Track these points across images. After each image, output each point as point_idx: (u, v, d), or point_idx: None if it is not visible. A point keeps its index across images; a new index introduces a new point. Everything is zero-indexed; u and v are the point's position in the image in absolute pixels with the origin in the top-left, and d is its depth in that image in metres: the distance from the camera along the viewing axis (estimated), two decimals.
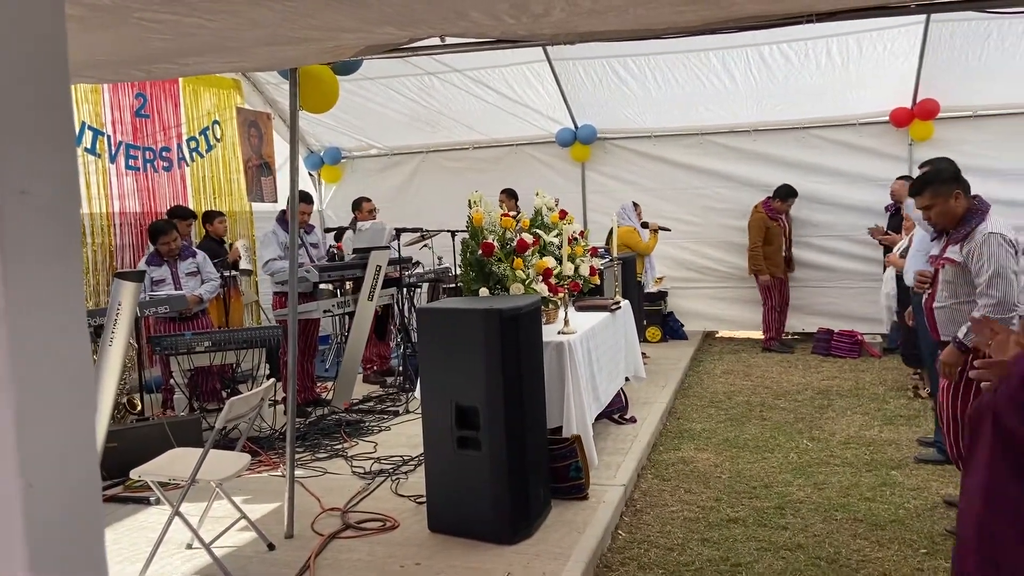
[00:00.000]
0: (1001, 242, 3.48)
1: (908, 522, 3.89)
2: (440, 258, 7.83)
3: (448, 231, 7.07)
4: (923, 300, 4.00)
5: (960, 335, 3.50)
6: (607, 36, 3.81)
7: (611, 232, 6.47)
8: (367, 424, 5.82)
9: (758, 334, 8.74)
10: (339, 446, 5.31)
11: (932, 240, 4.18)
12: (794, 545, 3.69)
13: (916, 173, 7.49)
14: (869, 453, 4.95)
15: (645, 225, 8.25)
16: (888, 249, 6.96)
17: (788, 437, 5.39)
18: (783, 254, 8.40)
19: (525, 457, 3.67)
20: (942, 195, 3.63)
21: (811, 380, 7.01)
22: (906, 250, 5.61)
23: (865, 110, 8.08)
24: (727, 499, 4.32)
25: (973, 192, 3.69)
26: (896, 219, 7.43)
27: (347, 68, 4.32)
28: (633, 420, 5.59)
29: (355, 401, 6.48)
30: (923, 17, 6.59)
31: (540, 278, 4.66)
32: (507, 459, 3.56)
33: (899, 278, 6.01)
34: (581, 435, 4.21)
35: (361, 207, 7.75)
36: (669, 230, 8.40)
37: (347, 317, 6.69)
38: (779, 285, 8.40)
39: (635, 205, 8.35)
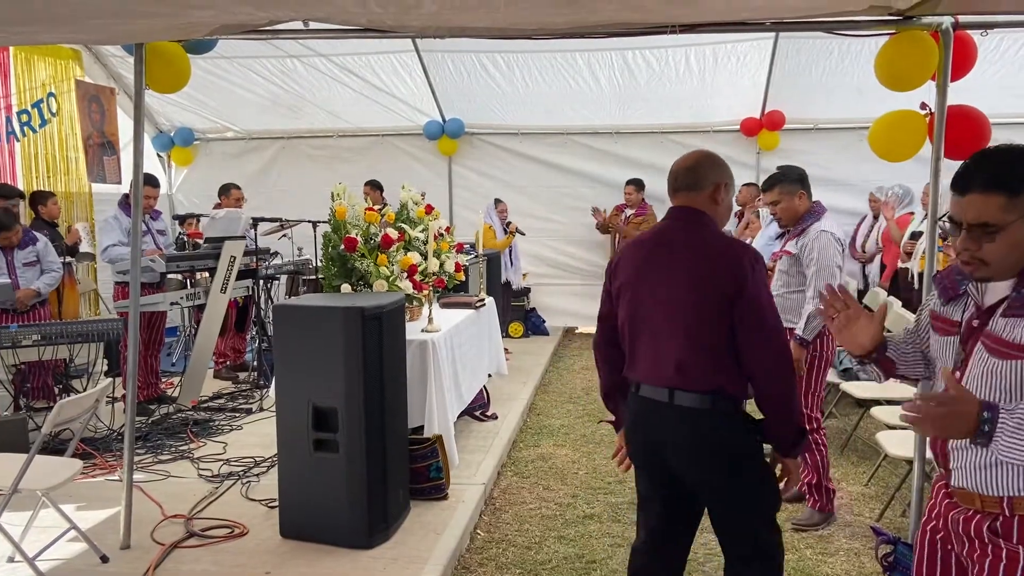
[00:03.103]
0: (831, 239, 3.85)
1: None
2: (300, 249, 7.56)
3: (309, 221, 6.83)
4: None
5: (799, 331, 3.78)
6: (477, 33, 3.76)
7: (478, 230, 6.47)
8: (216, 423, 5.53)
9: None
10: (185, 447, 5.01)
11: (777, 238, 4.50)
12: None
13: (763, 180, 7.97)
14: None
15: (507, 225, 8.35)
16: None
17: None
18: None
19: (385, 459, 3.59)
20: (788, 193, 3.99)
21: None
22: None
23: (719, 118, 8.49)
24: (583, 495, 4.41)
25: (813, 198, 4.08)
26: (740, 222, 7.85)
27: (200, 47, 4.05)
28: (494, 417, 5.61)
29: (204, 398, 6.14)
30: (773, 33, 6.98)
31: (405, 275, 4.57)
32: (366, 461, 3.46)
33: None
34: (443, 434, 4.18)
35: (230, 193, 7.33)
36: (524, 234, 8.56)
37: (199, 309, 6.33)
38: None
39: (497, 202, 8.41)
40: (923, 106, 3.55)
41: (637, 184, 8.51)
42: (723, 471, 2.36)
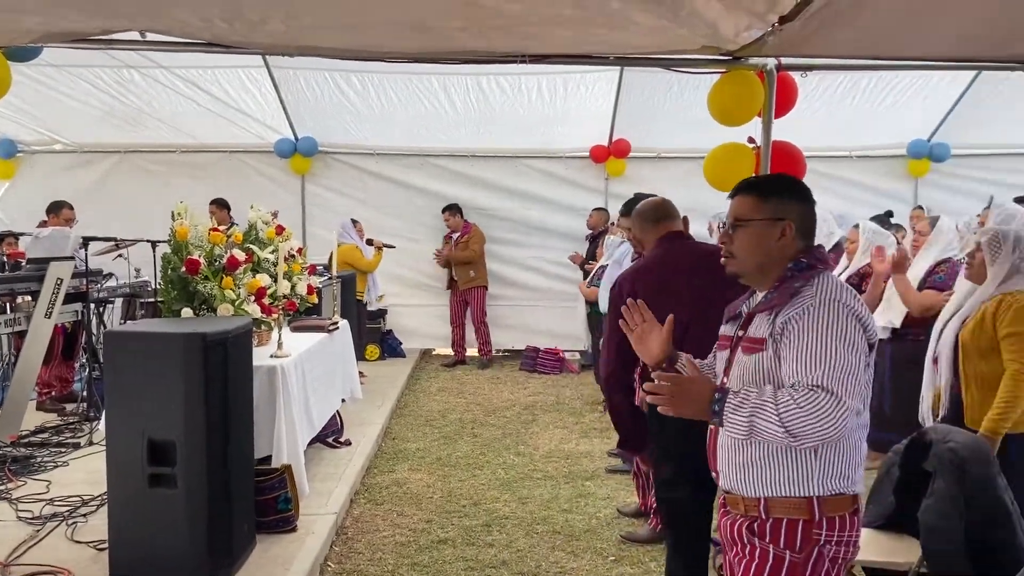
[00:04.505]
0: None
1: (599, 531, 4.23)
2: (138, 270, 7.11)
3: (148, 241, 6.44)
4: None
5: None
6: (330, 54, 3.71)
7: (332, 252, 6.33)
8: (39, 460, 5.07)
9: (472, 351, 9.06)
10: (2, 487, 4.56)
11: (632, 261, 4.68)
12: (499, 562, 3.84)
13: (611, 205, 8.30)
14: (567, 465, 5.33)
15: (370, 243, 8.22)
16: (587, 273, 7.59)
17: (497, 453, 5.63)
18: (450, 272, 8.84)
19: (228, 492, 3.42)
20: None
21: (519, 396, 7.41)
22: (595, 278, 6.22)
23: (570, 145, 8.78)
24: (438, 520, 4.38)
25: None
26: (593, 246, 8.15)
27: (23, 53, 3.76)
28: (348, 443, 5.49)
29: (24, 432, 5.61)
30: (618, 66, 7.30)
31: (252, 298, 4.40)
32: (207, 496, 3.28)
33: (588, 303, 6.63)
34: (292, 464, 4.03)
35: (60, 212, 6.76)
36: (393, 247, 8.44)
37: (19, 336, 5.79)
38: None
39: (354, 222, 8.28)
40: (751, 140, 3.83)
41: (452, 209, 8.69)
42: None
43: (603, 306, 5.66)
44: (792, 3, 2.63)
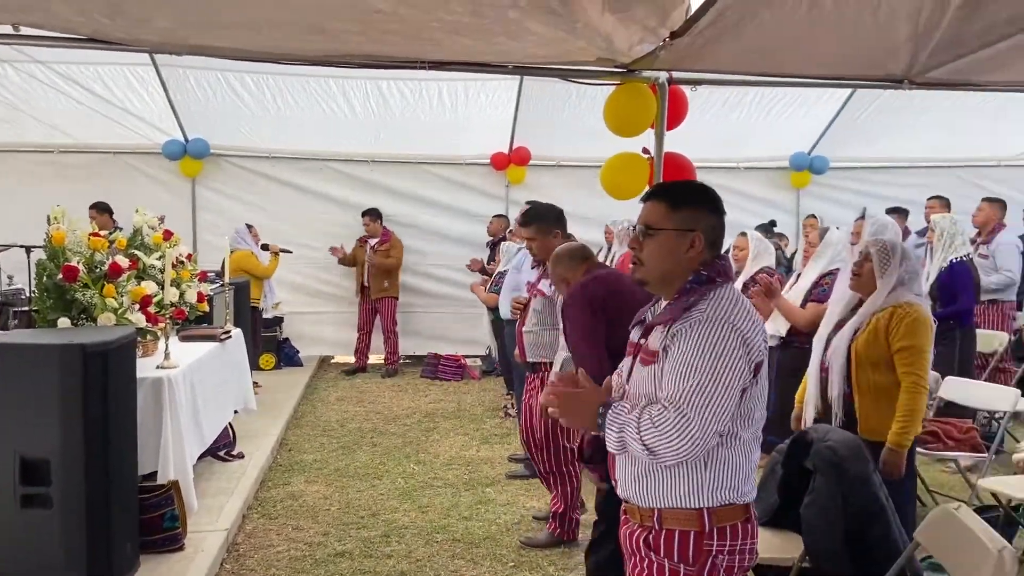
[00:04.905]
0: None
1: (499, 537, 4.24)
2: (11, 277, 6.65)
3: (22, 246, 6.06)
4: (516, 325, 4.48)
5: (553, 371, 3.93)
6: (221, 54, 3.60)
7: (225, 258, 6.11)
8: None
9: (376, 358, 8.92)
10: None
11: (532, 268, 4.71)
12: (397, 573, 3.79)
13: (512, 211, 8.36)
14: (468, 473, 5.32)
15: (265, 247, 7.97)
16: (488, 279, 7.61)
17: (397, 462, 5.56)
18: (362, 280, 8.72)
19: (109, 512, 3.24)
20: (543, 232, 4.16)
21: (420, 404, 7.35)
22: (494, 285, 6.25)
23: (471, 151, 8.78)
24: (335, 532, 4.29)
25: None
26: (493, 252, 8.19)
27: None
28: (241, 456, 5.30)
29: None
30: (518, 75, 7.37)
31: (137, 306, 4.19)
32: (85, 517, 3.11)
33: (490, 308, 6.63)
34: (180, 479, 3.86)
35: None
36: (291, 252, 8.22)
37: None
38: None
39: (249, 227, 8.03)
40: (645, 151, 3.94)
41: (372, 215, 8.55)
42: None
43: (503, 312, 5.70)
44: (682, 19, 2.74)
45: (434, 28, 2.95)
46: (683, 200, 2.00)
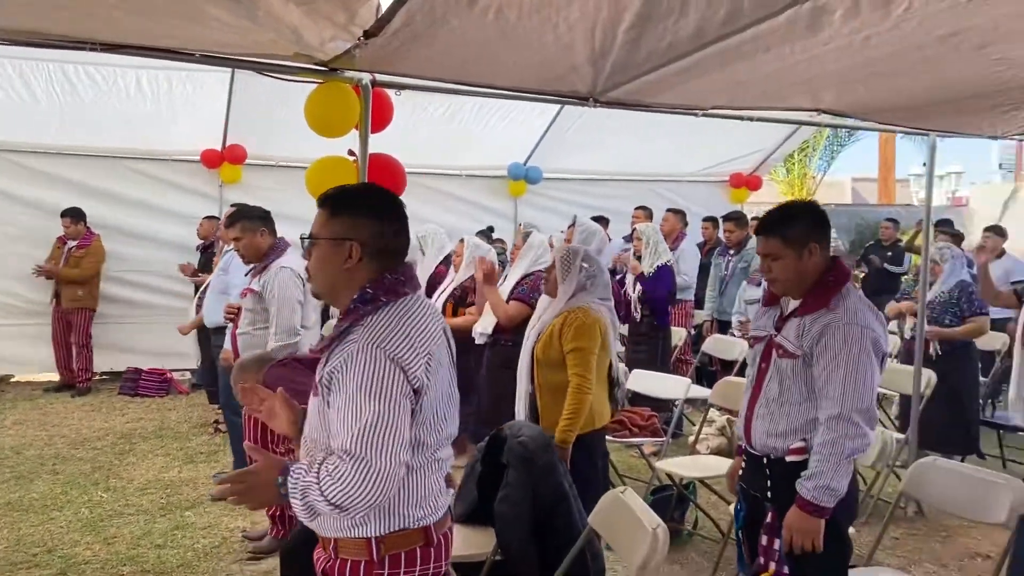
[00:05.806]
0: (291, 275, 3.96)
1: (196, 563, 3.92)
2: None
3: None
4: (230, 329, 4.24)
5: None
6: None
7: None
8: None
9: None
10: None
11: (246, 275, 4.46)
12: None
13: (225, 213, 7.84)
14: (166, 496, 4.86)
15: None
16: (199, 287, 7.06)
17: (82, 491, 4.95)
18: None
19: None
20: (250, 231, 4.05)
21: (115, 424, 6.62)
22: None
23: (177, 147, 8.11)
24: (1, 573, 3.71)
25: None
26: (206, 256, 7.64)
27: None
28: None
29: None
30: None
31: None
32: None
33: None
34: None
35: None
36: None
37: None
38: None
39: None
40: (351, 153, 3.86)
41: (73, 215, 7.62)
42: None
43: (212, 318, 5.34)
44: (372, 17, 2.69)
45: (102, 5, 2.64)
46: (343, 207, 1.87)
